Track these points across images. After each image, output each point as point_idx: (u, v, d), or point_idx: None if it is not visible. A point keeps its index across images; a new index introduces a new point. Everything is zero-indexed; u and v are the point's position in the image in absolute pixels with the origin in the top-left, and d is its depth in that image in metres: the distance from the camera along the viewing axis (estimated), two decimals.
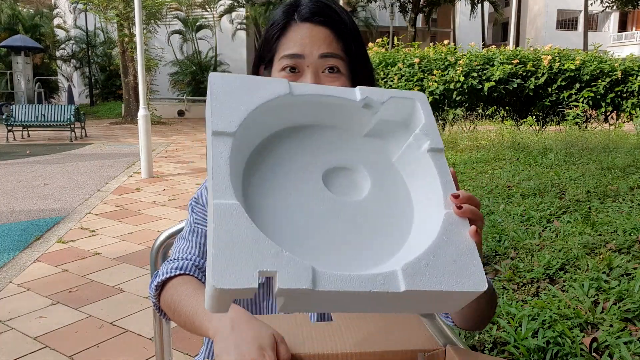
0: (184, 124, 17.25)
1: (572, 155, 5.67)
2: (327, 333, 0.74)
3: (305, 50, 0.87)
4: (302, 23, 0.88)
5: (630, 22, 38.85)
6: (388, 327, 0.73)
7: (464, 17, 32.04)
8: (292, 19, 0.89)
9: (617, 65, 9.16)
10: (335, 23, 0.88)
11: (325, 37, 0.87)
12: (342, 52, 0.88)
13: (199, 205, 0.99)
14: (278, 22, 0.90)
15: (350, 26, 0.90)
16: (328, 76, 0.88)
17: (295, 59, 0.87)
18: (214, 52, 23.50)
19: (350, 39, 0.89)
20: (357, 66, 0.91)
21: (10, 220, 4.85)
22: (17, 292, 3.12)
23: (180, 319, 0.82)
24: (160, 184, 6.59)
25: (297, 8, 0.90)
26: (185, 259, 0.91)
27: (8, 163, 8.39)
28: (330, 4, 0.90)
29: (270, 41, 0.91)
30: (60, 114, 12.20)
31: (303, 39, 0.87)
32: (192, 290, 0.82)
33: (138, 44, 6.93)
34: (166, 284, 0.88)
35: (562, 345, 1.94)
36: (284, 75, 0.88)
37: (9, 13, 20.51)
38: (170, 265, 0.90)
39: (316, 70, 0.88)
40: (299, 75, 0.88)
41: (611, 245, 2.86)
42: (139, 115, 6.96)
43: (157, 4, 16.58)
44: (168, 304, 0.86)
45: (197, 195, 1.02)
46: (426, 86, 8.97)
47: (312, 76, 0.87)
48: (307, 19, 0.88)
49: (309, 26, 0.88)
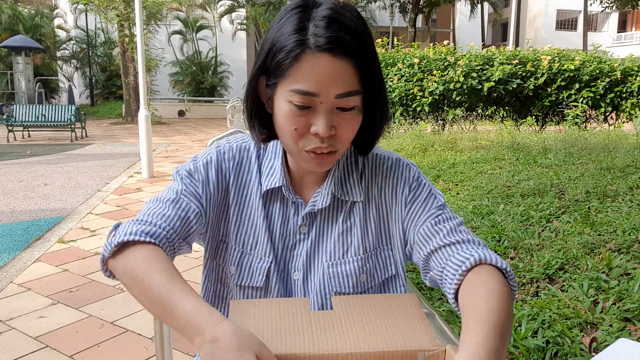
0: (184, 124, 17.26)
1: (572, 155, 5.68)
2: (326, 327, 0.74)
3: (321, 89, 0.77)
4: (319, 53, 0.76)
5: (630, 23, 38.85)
6: (388, 327, 0.74)
7: (464, 17, 32.05)
8: (307, 47, 0.76)
9: (617, 66, 9.16)
10: (355, 52, 0.77)
11: (344, 73, 0.77)
12: (360, 84, 0.79)
13: (193, 179, 0.91)
14: (290, 49, 0.77)
15: (369, 47, 0.79)
16: (342, 114, 0.80)
17: (308, 96, 0.77)
18: (214, 53, 23.51)
19: (369, 66, 0.79)
20: (373, 93, 0.83)
21: (10, 220, 4.86)
22: (17, 291, 3.13)
23: (143, 297, 0.73)
24: (161, 184, 6.60)
25: (311, 28, 0.76)
26: (159, 227, 0.81)
27: (8, 163, 8.39)
28: (349, 22, 0.77)
29: (280, 65, 0.78)
30: (60, 114, 12.20)
31: (319, 76, 0.76)
32: (168, 275, 0.72)
33: (138, 45, 6.93)
34: (130, 246, 0.77)
35: (561, 345, 1.94)
36: (293, 108, 0.79)
37: (9, 13, 20.51)
38: (140, 227, 0.79)
39: (330, 108, 0.79)
40: (310, 111, 0.79)
41: (610, 245, 2.86)
42: (140, 115, 6.97)
43: (157, 4, 16.58)
44: (130, 271, 0.75)
45: (192, 167, 0.92)
46: (426, 86, 8.97)
47: (325, 114, 0.79)
48: (326, 49, 0.75)
49: (327, 59, 0.76)
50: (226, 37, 24.06)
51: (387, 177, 0.94)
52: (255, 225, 0.93)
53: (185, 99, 21.28)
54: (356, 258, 0.92)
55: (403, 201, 0.92)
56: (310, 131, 0.81)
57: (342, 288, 0.92)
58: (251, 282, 0.93)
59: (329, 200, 0.92)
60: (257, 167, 0.94)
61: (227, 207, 0.94)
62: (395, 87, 9.16)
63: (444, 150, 6.69)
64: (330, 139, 0.82)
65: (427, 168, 5.50)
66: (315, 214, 0.93)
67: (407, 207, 0.92)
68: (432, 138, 7.43)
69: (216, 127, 16.22)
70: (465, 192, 4.40)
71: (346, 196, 0.93)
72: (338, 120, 0.81)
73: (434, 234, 0.88)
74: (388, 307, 0.80)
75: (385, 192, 0.94)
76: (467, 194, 4.31)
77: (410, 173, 0.94)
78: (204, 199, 0.90)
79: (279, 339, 0.70)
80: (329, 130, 0.80)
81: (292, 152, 0.86)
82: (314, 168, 0.86)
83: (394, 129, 8.94)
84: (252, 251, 0.93)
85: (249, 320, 0.76)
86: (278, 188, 0.93)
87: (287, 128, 0.82)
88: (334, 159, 0.86)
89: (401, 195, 0.93)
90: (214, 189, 0.92)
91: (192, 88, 22.83)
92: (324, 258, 0.92)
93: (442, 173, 5.19)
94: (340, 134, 0.82)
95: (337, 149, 0.84)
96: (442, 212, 0.90)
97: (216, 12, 23.68)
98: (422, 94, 9.05)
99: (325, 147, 0.82)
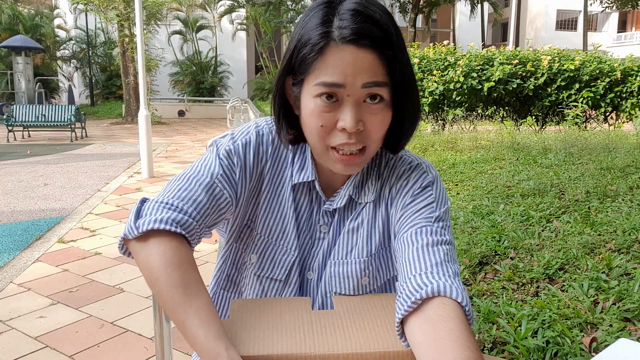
0: (184, 124, 17.25)
1: (572, 155, 5.67)
2: (327, 326, 0.74)
3: (347, 79, 0.76)
4: (345, 45, 0.75)
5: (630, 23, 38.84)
6: (388, 327, 0.74)
7: (464, 17, 32.05)
8: (331, 39, 0.75)
9: (617, 66, 9.16)
10: (381, 43, 0.75)
11: (370, 63, 0.75)
12: (387, 76, 0.77)
13: (231, 162, 0.86)
14: (315, 42, 0.76)
15: (396, 41, 0.77)
16: (370, 107, 0.78)
17: (334, 87, 0.76)
18: (214, 53, 23.51)
19: (396, 58, 0.77)
20: (402, 88, 0.80)
21: (10, 220, 4.86)
22: (17, 291, 3.13)
23: (159, 301, 0.72)
24: (161, 184, 6.60)
25: (336, 22, 0.76)
26: (191, 217, 0.78)
27: (8, 163, 8.39)
28: (374, 14, 0.76)
29: (305, 60, 0.78)
30: (60, 114, 12.20)
31: (345, 68, 0.75)
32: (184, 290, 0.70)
33: (138, 45, 6.93)
34: (157, 235, 0.74)
35: (561, 345, 1.94)
36: (320, 105, 0.78)
37: (9, 13, 20.52)
38: (170, 215, 0.76)
39: (357, 100, 0.78)
40: (337, 105, 0.78)
41: (611, 245, 2.86)
42: (140, 115, 6.97)
43: (157, 4, 16.58)
44: (149, 270, 0.72)
45: (232, 147, 0.87)
46: (426, 86, 8.97)
47: (352, 107, 0.77)
48: (351, 40, 0.75)
49: (352, 50, 0.75)
50: (226, 37, 24.07)
51: (400, 179, 0.90)
52: (285, 216, 0.90)
53: (185, 99, 21.28)
54: (358, 260, 0.89)
55: (401, 205, 0.87)
56: (337, 127, 0.78)
57: (342, 289, 0.90)
58: (272, 273, 0.90)
59: (344, 201, 0.89)
60: (291, 157, 0.91)
61: (259, 192, 0.91)
62: None
63: (444, 150, 6.69)
64: (358, 135, 0.79)
65: None
66: (333, 214, 0.91)
67: (402, 210, 0.86)
68: (432, 138, 7.43)
69: (216, 127, 16.22)
70: (465, 192, 4.40)
71: (361, 198, 0.90)
72: (366, 115, 0.78)
73: (409, 245, 0.79)
74: (389, 306, 0.80)
75: (393, 193, 0.90)
76: (467, 194, 4.31)
77: (422, 179, 0.88)
78: (239, 185, 0.86)
79: (279, 339, 0.70)
80: (357, 125, 0.77)
81: (319, 152, 0.83)
82: (341, 170, 0.83)
83: None
84: (278, 242, 0.90)
85: (249, 319, 0.76)
86: (308, 182, 0.90)
87: (314, 125, 0.79)
88: (363, 160, 0.82)
89: (402, 199, 0.88)
90: (250, 174, 0.88)
91: (192, 88, 22.84)
92: (357, 261, 0.89)
93: (442, 173, 5.19)
94: (369, 130, 0.79)
95: (366, 145, 0.81)
96: (428, 225, 0.81)
97: (216, 12, 23.68)
98: (422, 94, 9.05)
99: (353, 142, 0.78)
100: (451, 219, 3.56)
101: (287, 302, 0.81)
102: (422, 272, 0.73)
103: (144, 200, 0.80)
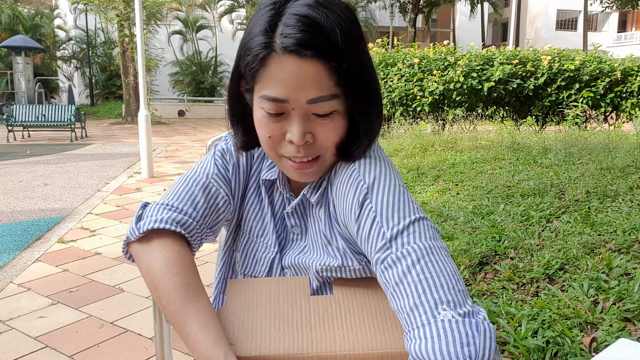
0: (184, 124, 17.25)
1: (572, 155, 5.67)
2: (325, 319, 0.73)
3: (290, 94, 0.70)
4: (286, 56, 0.69)
5: (630, 23, 38.84)
6: (388, 326, 0.74)
7: (464, 17, 32.05)
8: (272, 50, 0.70)
9: (617, 66, 9.15)
10: (326, 52, 0.69)
11: (314, 76, 0.69)
12: (337, 86, 0.71)
13: (225, 161, 0.86)
14: (257, 53, 0.71)
15: (345, 48, 0.70)
16: (318, 119, 0.73)
17: (277, 103, 0.72)
18: (214, 53, 23.51)
19: (349, 68, 0.70)
20: (355, 96, 0.74)
21: (10, 220, 4.86)
22: (17, 292, 3.13)
23: (158, 304, 0.72)
24: (161, 184, 6.60)
25: (280, 28, 0.70)
26: (190, 217, 0.79)
27: (8, 163, 8.39)
28: (320, 19, 0.69)
29: (250, 69, 0.73)
30: (60, 114, 12.20)
31: (287, 81, 0.70)
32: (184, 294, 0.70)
33: (138, 44, 6.93)
34: (157, 236, 0.75)
35: (561, 345, 1.94)
36: (264, 116, 0.74)
37: (9, 13, 20.52)
38: (170, 215, 0.77)
39: (305, 114, 0.73)
40: (284, 117, 0.73)
41: (611, 245, 2.86)
42: (140, 115, 6.97)
43: (157, 4, 16.58)
44: (150, 274, 0.73)
45: (224, 147, 0.87)
46: (426, 86, 8.97)
47: (299, 121, 0.73)
48: (292, 51, 0.68)
49: (295, 62, 0.69)
50: (226, 37, 24.07)
51: (339, 189, 0.78)
52: (265, 214, 0.89)
53: (185, 99, 21.28)
54: (353, 269, 0.82)
55: (353, 229, 0.75)
56: (285, 138, 0.75)
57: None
58: (254, 271, 0.90)
59: (299, 201, 0.85)
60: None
61: (246, 190, 0.91)
62: (395, 87, 9.16)
63: (444, 150, 6.69)
64: (307, 148, 0.75)
65: (427, 168, 5.50)
66: (297, 215, 0.88)
67: (357, 238, 0.75)
68: (432, 138, 7.42)
69: (216, 127, 16.22)
70: (465, 192, 4.39)
71: (312, 197, 0.84)
72: (315, 127, 0.74)
73: (385, 287, 0.69)
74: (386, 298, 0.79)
75: (335, 205, 0.80)
76: (467, 194, 4.31)
77: (358, 192, 0.74)
78: (233, 182, 0.87)
79: (276, 336, 0.70)
80: (304, 138, 0.74)
81: (273, 159, 0.81)
82: (297, 178, 0.80)
83: (394, 129, 8.94)
84: (259, 239, 0.89)
85: (246, 307, 0.75)
86: (274, 180, 0.88)
87: (263, 135, 0.77)
88: (319, 168, 0.78)
89: (349, 221, 0.75)
90: (243, 172, 0.89)
91: (192, 88, 22.84)
92: (316, 263, 0.83)
93: (442, 173, 5.19)
94: (320, 140, 0.75)
95: (319, 155, 0.77)
96: (386, 254, 0.68)
97: (216, 12, 23.68)
98: (422, 94, 9.05)
99: (302, 156, 0.75)
100: (451, 219, 3.57)
101: (285, 285, 0.80)
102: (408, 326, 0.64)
103: (145, 204, 0.82)
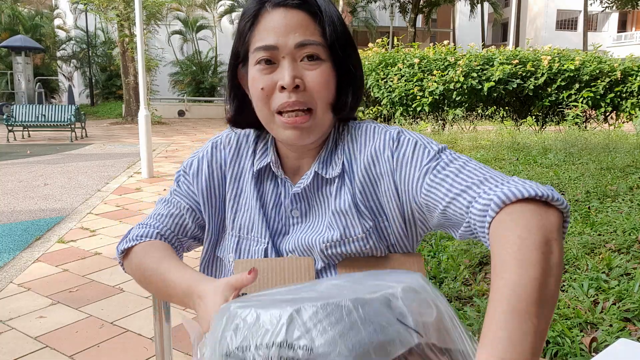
0: (184, 124, 17.26)
1: (572, 155, 5.67)
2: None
3: (279, 40, 0.79)
4: (275, 9, 0.80)
5: (630, 23, 38.85)
6: None
7: (464, 17, 32.05)
8: (263, 6, 0.81)
9: (617, 66, 9.16)
10: (311, 5, 0.81)
11: (300, 22, 0.80)
12: (321, 37, 0.81)
13: (187, 177, 0.94)
14: (249, 11, 0.82)
15: (327, 7, 0.82)
16: (307, 65, 0.81)
17: (269, 50, 0.80)
18: (214, 53, 23.51)
19: (329, 20, 0.81)
20: (340, 49, 0.82)
21: (10, 220, 4.86)
22: (17, 292, 3.13)
23: (151, 288, 0.88)
24: (161, 184, 6.60)
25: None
26: (153, 227, 0.93)
27: (8, 163, 8.39)
28: None
29: (242, 34, 0.83)
30: (60, 114, 12.21)
31: (276, 28, 0.79)
32: (156, 260, 0.86)
33: (138, 44, 6.93)
34: (131, 250, 0.92)
35: (561, 345, 1.94)
36: (259, 69, 0.81)
37: (9, 13, 20.53)
38: (138, 232, 0.93)
39: (293, 60, 0.80)
40: (275, 67, 0.81)
41: (611, 245, 2.86)
42: (140, 115, 6.97)
43: (157, 4, 16.59)
44: (134, 272, 0.91)
45: (186, 164, 0.96)
46: (426, 86, 8.97)
47: (288, 65, 0.80)
48: (279, 3, 0.80)
49: (282, 12, 0.80)
50: (226, 37, 24.06)
51: (365, 146, 0.86)
52: (250, 208, 0.90)
53: (185, 99, 21.29)
54: (356, 237, 0.84)
55: (389, 170, 0.83)
56: (277, 88, 0.80)
57: None
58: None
59: (310, 179, 0.87)
60: (252, 151, 0.93)
61: (224, 197, 0.93)
62: (395, 87, 9.16)
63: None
64: (298, 94, 0.80)
65: None
66: (303, 197, 0.88)
67: (395, 173, 0.83)
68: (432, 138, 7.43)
69: (216, 127, 16.22)
70: None
71: (328, 173, 0.86)
72: (304, 72, 0.80)
73: (438, 188, 0.76)
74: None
75: (365, 163, 0.85)
76: None
77: (386, 136, 0.85)
78: (198, 193, 0.93)
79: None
80: (293, 81, 0.79)
81: (266, 121, 0.84)
82: (292, 137, 0.82)
83: None
84: (249, 235, 0.90)
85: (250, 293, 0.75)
86: (267, 166, 0.90)
87: (256, 91, 0.82)
88: (313, 124, 0.82)
89: (386, 164, 0.84)
90: (207, 181, 0.93)
91: (192, 88, 22.84)
92: (319, 240, 0.85)
93: None
94: (310, 87, 0.80)
95: (312, 108, 0.81)
96: (438, 160, 0.79)
97: (216, 12, 23.69)
98: (422, 94, 9.05)
99: (293, 101, 0.79)
100: None
101: (290, 265, 0.82)
102: (475, 195, 0.71)
103: (130, 230, 0.95)
